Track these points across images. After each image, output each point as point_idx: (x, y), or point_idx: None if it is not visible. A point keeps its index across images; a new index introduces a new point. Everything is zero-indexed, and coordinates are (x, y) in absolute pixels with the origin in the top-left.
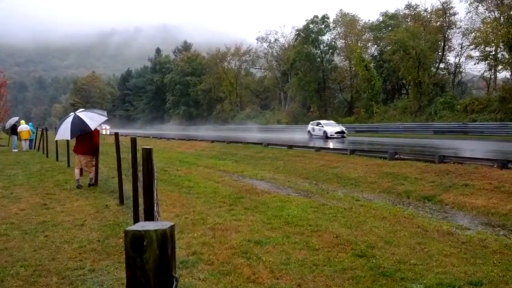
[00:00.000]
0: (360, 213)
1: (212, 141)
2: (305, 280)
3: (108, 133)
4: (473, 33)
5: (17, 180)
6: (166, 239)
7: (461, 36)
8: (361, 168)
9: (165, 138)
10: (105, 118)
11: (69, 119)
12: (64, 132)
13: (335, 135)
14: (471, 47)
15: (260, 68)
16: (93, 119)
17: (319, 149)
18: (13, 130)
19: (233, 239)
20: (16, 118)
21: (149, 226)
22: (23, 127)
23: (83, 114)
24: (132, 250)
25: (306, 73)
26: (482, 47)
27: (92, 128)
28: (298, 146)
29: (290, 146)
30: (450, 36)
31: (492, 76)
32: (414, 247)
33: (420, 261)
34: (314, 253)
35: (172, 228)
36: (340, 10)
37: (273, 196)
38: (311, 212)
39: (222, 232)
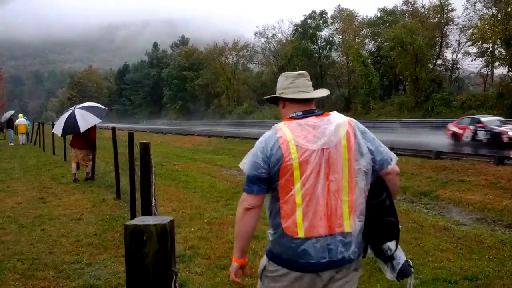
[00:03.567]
0: None
1: (209, 136)
2: None
3: None
4: (471, 30)
5: (14, 173)
6: (165, 233)
7: (458, 33)
8: None
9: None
10: (98, 120)
11: (67, 114)
12: (58, 127)
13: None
14: (469, 43)
15: (258, 64)
16: (86, 119)
17: None
18: (9, 123)
19: (230, 234)
20: (11, 112)
21: (149, 220)
22: (21, 120)
23: (79, 112)
24: (132, 244)
25: (303, 69)
26: (480, 43)
27: (82, 130)
28: None
29: None
30: (448, 33)
31: (489, 73)
32: (410, 242)
33: (416, 256)
34: None
35: (171, 222)
36: (338, 5)
37: None
38: None
39: (219, 226)
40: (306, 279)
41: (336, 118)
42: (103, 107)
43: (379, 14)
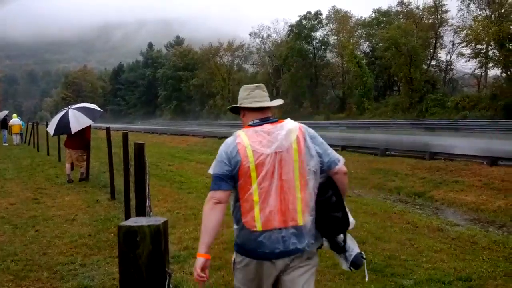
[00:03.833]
0: (350, 209)
1: (204, 136)
2: None
3: None
4: (465, 31)
5: (8, 174)
6: (159, 234)
7: (452, 34)
8: (352, 164)
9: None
10: (91, 122)
11: (61, 114)
12: (51, 126)
13: None
14: (462, 44)
15: (253, 64)
16: (78, 120)
17: None
18: (3, 124)
19: (224, 234)
20: (5, 112)
21: (142, 221)
22: (15, 120)
23: (73, 112)
24: (125, 245)
25: (298, 69)
26: (473, 44)
27: (73, 131)
28: None
29: None
30: (442, 34)
31: (483, 74)
32: (405, 243)
33: (410, 257)
34: None
35: (165, 223)
36: (333, 6)
37: None
38: None
39: None
40: (264, 266)
41: (288, 125)
42: (98, 108)
43: (373, 15)
